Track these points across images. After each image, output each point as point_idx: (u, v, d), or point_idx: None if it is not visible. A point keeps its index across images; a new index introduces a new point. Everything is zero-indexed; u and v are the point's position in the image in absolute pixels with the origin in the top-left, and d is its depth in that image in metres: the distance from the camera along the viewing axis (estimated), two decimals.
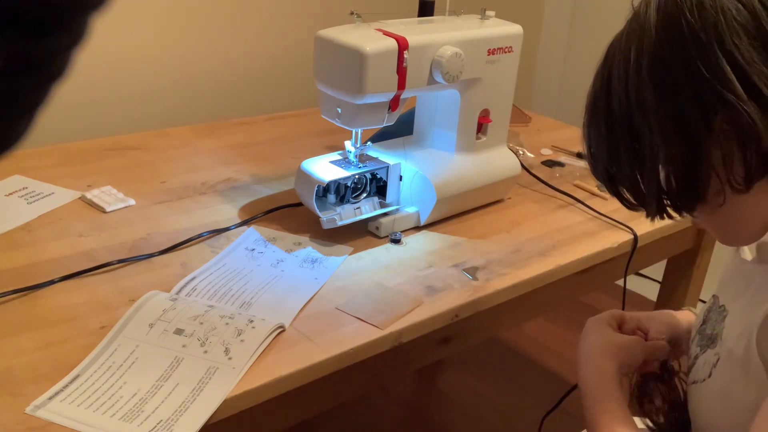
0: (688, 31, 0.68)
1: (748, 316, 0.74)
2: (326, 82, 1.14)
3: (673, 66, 0.69)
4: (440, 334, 1.07)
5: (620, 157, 0.74)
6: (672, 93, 0.69)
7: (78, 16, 0.42)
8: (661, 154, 0.71)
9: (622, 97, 0.72)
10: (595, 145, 0.77)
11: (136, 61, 1.65)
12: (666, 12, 0.69)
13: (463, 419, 1.95)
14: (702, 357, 0.82)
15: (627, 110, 0.72)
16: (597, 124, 0.75)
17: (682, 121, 0.69)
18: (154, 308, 0.95)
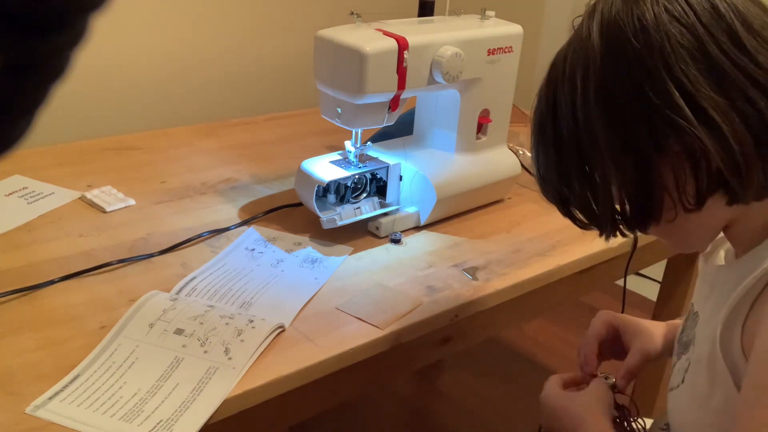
0: (634, 57, 0.68)
1: (713, 320, 0.75)
2: (326, 82, 1.13)
3: (620, 93, 0.69)
4: (440, 334, 1.07)
5: (571, 180, 0.74)
6: (621, 119, 0.70)
7: (78, 16, 0.42)
8: (613, 178, 0.72)
9: (570, 123, 0.72)
10: (545, 167, 0.77)
11: (137, 61, 1.65)
12: (610, 36, 0.70)
13: (463, 419, 1.95)
14: (678, 364, 0.83)
15: (576, 135, 0.72)
16: (546, 148, 0.76)
17: (632, 147, 0.70)
18: (154, 308, 0.95)
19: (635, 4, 0.70)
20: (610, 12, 0.71)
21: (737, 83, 0.66)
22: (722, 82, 0.66)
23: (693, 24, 0.67)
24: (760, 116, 0.66)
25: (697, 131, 0.66)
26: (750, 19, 0.68)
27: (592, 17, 0.72)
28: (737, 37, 0.67)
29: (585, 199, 0.75)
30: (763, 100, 0.66)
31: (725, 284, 0.75)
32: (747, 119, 0.66)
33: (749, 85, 0.66)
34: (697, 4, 0.68)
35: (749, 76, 0.66)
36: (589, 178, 0.73)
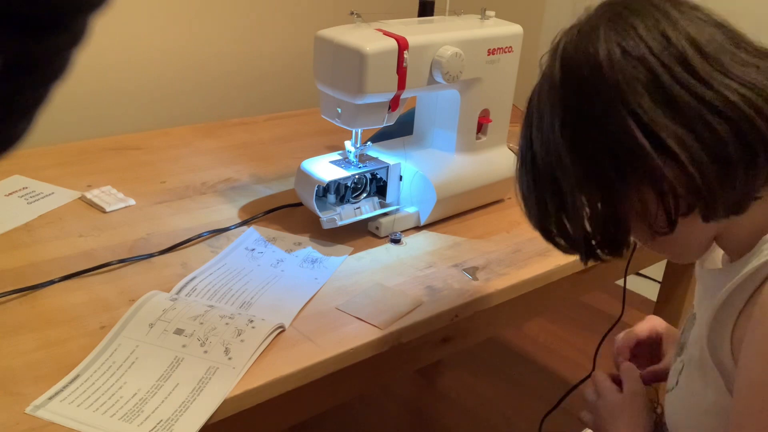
0: (592, 93, 0.71)
1: (703, 321, 0.76)
2: (326, 82, 1.13)
3: (583, 127, 0.72)
4: (440, 334, 1.07)
5: (548, 208, 0.77)
6: (586, 152, 0.73)
7: (78, 16, 0.42)
8: (584, 207, 0.75)
9: (543, 156, 0.75)
10: (526, 196, 0.80)
11: (136, 61, 1.65)
12: (568, 75, 0.73)
13: (463, 419, 1.95)
14: (674, 365, 0.84)
15: (549, 168, 0.75)
16: (526, 177, 0.79)
17: (599, 178, 0.73)
18: (154, 308, 0.95)
19: (589, 41, 0.72)
20: (566, 50, 0.74)
21: (693, 110, 0.67)
22: (678, 111, 0.68)
23: (645, 57, 0.69)
24: (719, 139, 0.67)
25: (656, 161, 0.69)
26: (702, 43, 0.69)
27: (555, 54, 0.75)
28: (690, 65, 0.68)
29: (562, 226, 0.77)
30: (720, 124, 0.67)
31: (717, 289, 0.76)
32: (706, 144, 0.68)
33: (705, 111, 0.67)
34: (648, 36, 0.70)
35: (704, 101, 0.67)
36: (564, 207, 0.76)
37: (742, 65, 0.69)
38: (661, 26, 0.70)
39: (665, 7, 0.71)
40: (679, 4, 0.72)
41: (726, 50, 0.69)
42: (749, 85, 0.68)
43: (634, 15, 0.71)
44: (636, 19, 0.71)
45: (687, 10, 0.72)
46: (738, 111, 0.67)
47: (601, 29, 0.72)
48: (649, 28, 0.70)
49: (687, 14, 0.71)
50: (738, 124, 0.67)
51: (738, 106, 0.67)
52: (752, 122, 0.67)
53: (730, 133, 0.67)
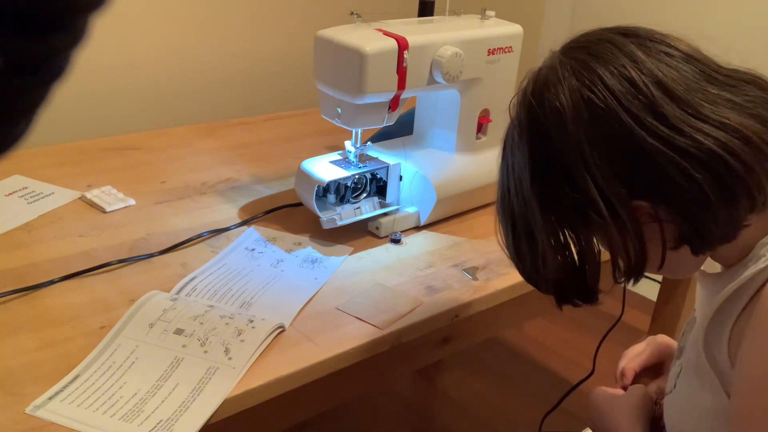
0: (558, 149, 0.70)
1: (700, 324, 0.76)
2: (326, 82, 1.13)
3: (550, 182, 0.72)
4: (440, 334, 1.07)
5: (522, 249, 0.78)
6: (554, 206, 0.73)
7: (78, 16, 0.42)
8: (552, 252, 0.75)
9: (516, 203, 0.77)
10: (504, 233, 0.81)
11: (136, 61, 1.65)
12: (535, 126, 0.73)
13: (463, 419, 1.95)
14: (672, 369, 0.84)
15: (522, 214, 0.76)
16: (503, 217, 0.81)
17: (562, 229, 0.74)
18: (154, 308, 0.95)
19: (554, 93, 0.70)
20: (532, 100, 0.73)
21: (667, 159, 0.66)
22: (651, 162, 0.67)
23: (613, 110, 0.67)
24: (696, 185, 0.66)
25: (609, 227, 0.69)
26: (671, 86, 0.67)
27: (522, 101, 0.75)
28: (659, 112, 0.66)
29: (536, 267, 0.78)
30: (696, 170, 0.66)
31: (712, 292, 0.77)
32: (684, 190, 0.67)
33: (680, 159, 0.66)
34: (614, 85, 0.68)
35: (678, 149, 0.66)
36: (536, 251, 0.76)
37: (714, 103, 0.67)
38: (627, 72, 0.68)
39: (629, 48, 0.69)
40: (643, 40, 0.70)
41: (696, 89, 0.67)
42: (722, 126, 0.66)
43: (598, 61, 0.69)
44: (600, 66, 0.69)
45: (652, 45, 0.70)
46: (713, 155, 0.65)
47: (565, 80, 0.70)
48: (614, 74, 0.68)
49: (653, 52, 0.69)
50: (714, 168, 0.66)
51: (713, 150, 0.65)
52: (728, 164, 0.66)
53: (708, 178, 0.66)
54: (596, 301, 0.79)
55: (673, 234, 0.70)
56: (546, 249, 0.75)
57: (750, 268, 0.69)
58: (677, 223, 0.69)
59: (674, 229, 0.70)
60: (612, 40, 0.71)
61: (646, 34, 0.71)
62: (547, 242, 0.74)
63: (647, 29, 0.72)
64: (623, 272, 0.73)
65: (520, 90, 0.76)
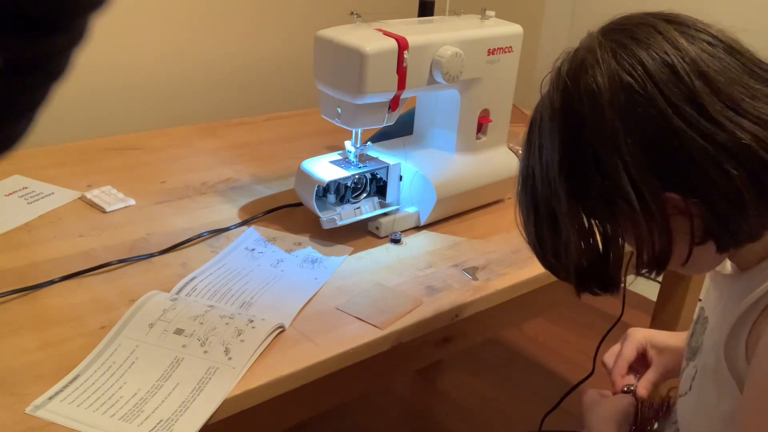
0: (593, 134, 0.68)
1: (720, 328, 0.75)
2: (326, 82, 1.13)
3: (580, 168, 0.70)
4: (440, 334, 1.07)
5: (545, 237, 0.76)
6: (582, 193, 0.71)
7: (78, 16, 0.42)
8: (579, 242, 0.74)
9: (541, 189, 0.74)
10: (525, 221, 0.79)
11: (137, 61, 1.65)
12: (569, 108, 0.70)
13: (463, 419, 1.95)
14: (686, 370, 0.83)
15: (547, 201, 0.74)
16: (526, 204, 0.78)
17: (588, 216, 0.73)
18: (154, 308, 0.95)
19: (591, 74, 0.68)
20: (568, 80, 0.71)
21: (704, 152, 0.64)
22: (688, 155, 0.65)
23: (652, 96, 0.65)
24: (731, 181, 0.65)
25: (640, 218, 0.68)
26: (713, 76, 0.65)
27: (556, 81, 0.72)
28: (699, 103, 0.64)
29: (557, 255, 0.77)
30: (733, 167, 0.64)
31: (731, 295, 0.75)
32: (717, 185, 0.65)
33: (717, 153, 0.64)
34: (654, 70, 0.66)
35: (716, 143, 0.64)
36: (559, 238, 0.75)
37: (754, 98, 0.65)
38: (669, 58, 0.66)
39: (672, 35, 0.67)
40: (686, 28, 0.68)
41: (737, 82, 0.66)
42: (761, 123, 0.65)
43: (639, 45, 0.67)
44: (642, 50, 0.67)
45: (695, 34, 0.68)
46: (750, 152, 0.64)
47: (604, 62, 0.68)
48: (656, 60, 0.66)
49: (696, 40, 0.67)
50: (750, 165, 0.64)
51: (750, 147, 0.64)
52: (764, 162, 0.64)
53: (743, 174, 0.65)
54: (617, 290, 0.77)
55: (700, 229, 0.68)
56: (570, 235, 0.73)
57: None
58: (706, 218, 0.67)
59: (702, 224, 0.68)
60: (655, 24, 0.69)
61: (689, 21, 0.70)
62: (571, 228, 0.73)
63: (691, 17, 0.71)
64: (646, 264, 0.72)
65: (554, 69, 0.73)
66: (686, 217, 0.68)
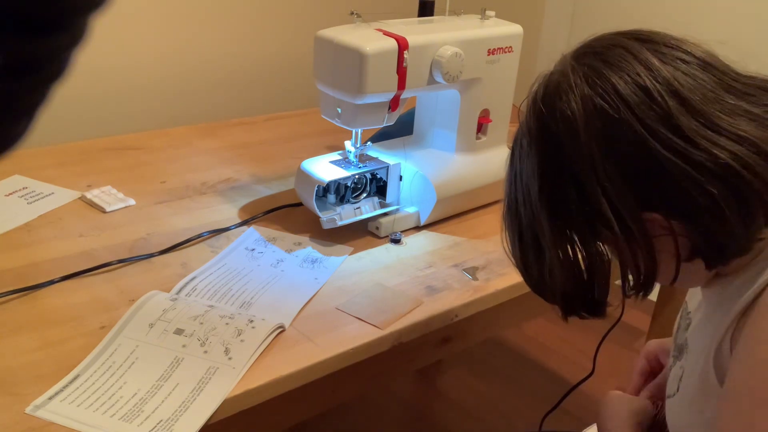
0: (570, 159, 0.69)
1: (706, 335, 0.74)
2: (326, 82, 1.14)
3: (559, 192, 0.70)
4: (440, 334, 1.07)
5: (530, 259, 0.76)
6: (562, 217, 0.71)
7: (78, 16, 0.42)
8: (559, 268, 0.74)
9: (524, 213, 0.74)
10: (511, 241, 0.79)
11: (136, 61, 1.65)
12: (545, 134, 0.71)
13: (463, 419, 1.95)
14: (673, 370, 0.83)
15: (530, 224, 0.74)
16: (510, 226, 0.77)
17: (571, 241, 0.72)
18: (154, 308, 0.95)
19: (565, 100, 0.68)
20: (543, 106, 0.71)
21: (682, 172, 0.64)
22: (665, 176, 0.65)
23: (626, 121, 0.65)
24: (712, 199, 0.64)
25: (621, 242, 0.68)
26: (687, 95, 0.65)
27: (532, 106, 0.72)
28: (674, 124, 0.64)
29: (542, 278, 0.76)
30: (712, 185, 0.64)
31: (712, 296, 0.76)
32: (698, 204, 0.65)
33: (695, 173, 0.64)
34: (627, 93, 0.66)
35: (693, 162, 0.64)
36: (543, 261, 0.75)
37: (731, 114, 0.65)
38: (642, 80, 0.66)
39: (645, 56, 0.67)
40: (659, 46, 0.68)
41: (713, 99, 0.65)
42: (739, 139, 0.64)
43: (611, 69, 0.67)
44: (614, 73, 0.67)
45: (668, 51, 0.68)
46: (729, 169, 0.64)
47: (577, 87, 0.68)
48: (628, 83, 0.66)
49: (668, 59, 0.67)
50: (730, 182, 0.64)
51: (728, 164, 0.63)
52: (744, 179, 0.64)
53: (723, 192, 0.64)
54: (603, 314, 0.77)
55: (686, 247, 0.68)
56: (553, 260, 0.73)
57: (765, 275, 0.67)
58: (692, 237, 0.67)
59: (688, 243, 0.68)
60: (626, 45, 0.69)
61: (661, 39, 0.69)
62: (554, 254, 0.73)
63: (663, 34, 0.70)
64: (633, 287, 0.72)
65: (530, 95, 0.74)
66: (671, 236, 0.68)
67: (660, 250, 0.69)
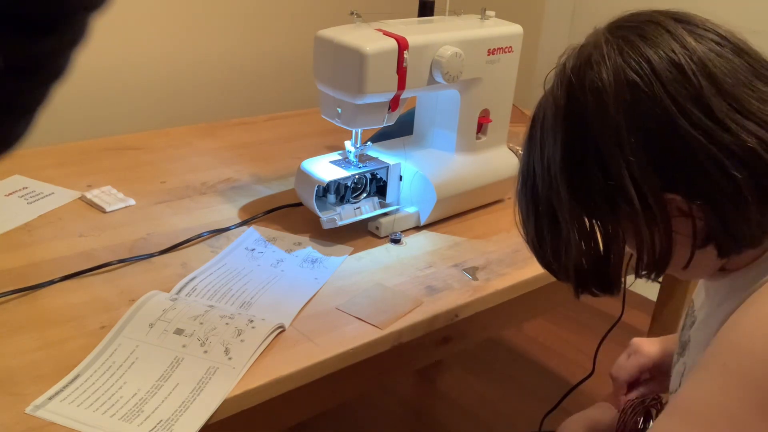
0: (597, 132, 0.67)
1: (707, 331, 0.74)
2: (326, 82, 1.14)
3: (582, 167, 0.69)
4: (440, 334, 1.07)
5: (544, 235, 0.75)
6: (583, 192, 0.70)
7: (78, 16, 0.42)
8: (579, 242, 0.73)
9: (542, 187, 0.73)
10: (525, 219, 0.78)
11: (136, 61, 1.65)
12: (574, 105, 0.69)
13: (463, 419, 1.95)
14: (676, 366, 0.83)
15: (548, 199, 0.73)
16: (525, 201, 0.76)
17: (589, 215, 0.71)
18: (154, 308, 0.95)
19: (597, 71, 0.67)
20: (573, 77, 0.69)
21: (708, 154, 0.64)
22: (690, 156, 0.64)
23: (657, 95, 0.64)
24: (734, 184, 0.64)
25: (639, 219, 0.67)
26: (719, 77, 0.64)
27: (560, 77, 0.71)
28: (705, 104, 0.64)
29: (557, 255, 0.76)
30: (737, 170, 0.63)
31: (716, 294, 0.75)
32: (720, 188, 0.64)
33: (721, 156, 0.63)
34: (661, 69, 0.65)
35: (721, 145, 0.63)
36: (559, 237, 0.74)
37: (761, 101, 0.65)
38: (677, 57, 0.65)
39: (680, 33, 0.66)
40: (695, 27, 0.68)
41: (745, 83, 0.65)
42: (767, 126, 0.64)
43: (646, 43, 0.66)
44: (649, 48, 0.66)
45: (704, 33, 0.67)
46: (755, 155, 0.63)
47: (609, 59, 0.67)
48: (663, 58, 0.65)
49: (704, 40, 0.66)
50: (754, 168, 0.64)
51: (755, 150, 0.63)
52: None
53: (747, 178, 0.64)
54: (617, 292, 0.76)
55: (702, 232, 0.68)
56: (570, 234, 0.72)
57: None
58: (709, 221, 0.67)
59: (704, 227, 0.67)
60: (662, 22, 0.68)
61: (698, 21, 0.69)
62: (571, 227, 0.72)
63: (700, 17, 0.70)
64: (646, 266, 0.71)
65: (559, 65, 0.72)
66: (688, 219, 0.67)
67: (676, 232, 0.68)
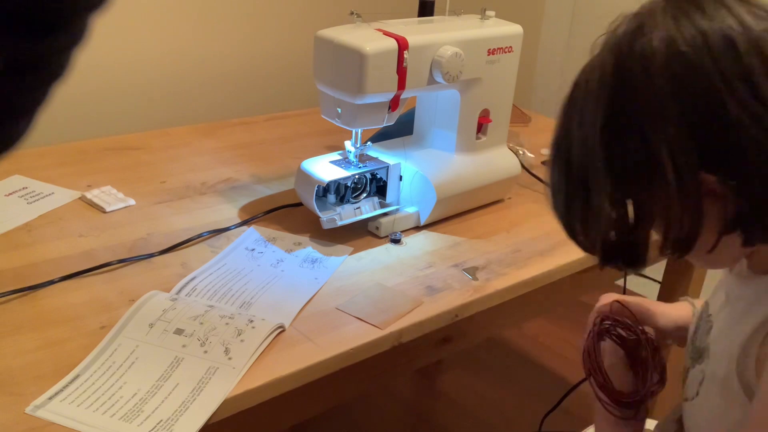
0: (642, 103, 0.66)
1: (729, 337, 0.73)
2: (326, 82, 1.14)
3: (623, 139, 0.68)
4: (440, 334, 1.07)
5: (575, 205, 0.74)
6: (621, 165, 0.69)
7: (78, 16, 0.42)
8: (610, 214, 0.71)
9: (578, 156, 0.71)
10: (555, 189, 0.76)
11: (137, 61, 1.65)
12: (621, 72, 0.68)
13: (463, 419, 1.95)
14: (692, 372, 0.82)
15: (583, 168, 0.71)
16: (558, 171, 0.75)
17: (629, 192, 0.70)
18: (154, 308, 0.95)
19: (647, 39, 0.66)
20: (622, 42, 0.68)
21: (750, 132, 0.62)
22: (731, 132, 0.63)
23: (706, 69, 0.63)
24: None
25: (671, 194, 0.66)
26: None
27: (610, 42, 0.70)
28: (753, 83, 0.62)
29: (586, 226, 0.74)
30: None
31: (740, 299, 0.74)
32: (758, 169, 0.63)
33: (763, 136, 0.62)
34: (714, 41, 0.63)
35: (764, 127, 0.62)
36: (590, 208, 0.72)
37: None
38: (732, 32, 0.63)
39: (738, 10, 0.65)
40: (753, 7, 0.65)
41: None
42: None
43: (703, 16, 0.65)
44: (704, 20, 0.64)
45: (762, 14, 0.65)
46: None
47: (662, 26, 0.65)
48: (717, 33, 0.63)
49: (762, 20, 0.64)
50: None
51: None
52: None
53: None
54: (643, 266, 0.75)
55: (731, 215, 0.66)
56: (602, 203, 0.70)
57: None
58: (740, 204, 0.65)
59: (734, 211, 0.66)
60: None
61: (759, 2, 0.67)
62: (604, 196, 0.70)
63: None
64: (672, 244, 0.69)
65: (609, 31, 0.70)
66: (719, 200, 0.66)
67: (705, 214, 0.67)
